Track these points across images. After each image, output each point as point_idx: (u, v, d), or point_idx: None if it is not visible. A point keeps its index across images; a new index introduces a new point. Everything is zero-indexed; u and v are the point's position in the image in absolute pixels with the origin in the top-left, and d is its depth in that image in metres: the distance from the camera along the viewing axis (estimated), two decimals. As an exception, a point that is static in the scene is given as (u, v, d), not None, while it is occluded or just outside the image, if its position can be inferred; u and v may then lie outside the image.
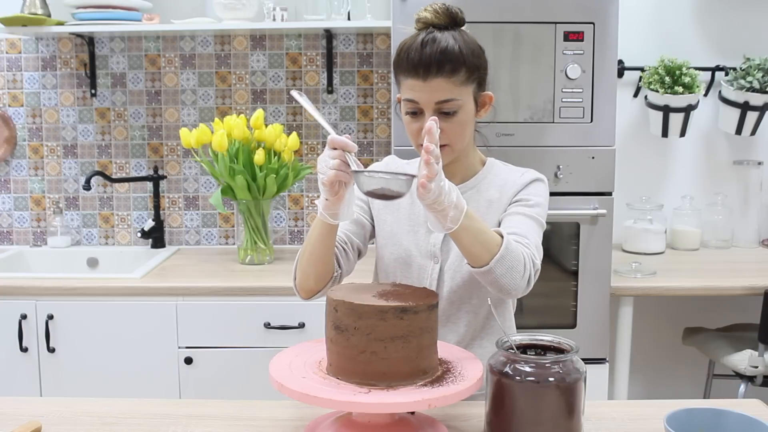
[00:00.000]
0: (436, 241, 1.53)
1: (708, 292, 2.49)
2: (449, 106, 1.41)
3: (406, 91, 1.43)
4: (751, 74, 2.80)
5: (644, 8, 2.97)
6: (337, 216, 1.34)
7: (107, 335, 2.44)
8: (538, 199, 1.52)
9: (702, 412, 1.19)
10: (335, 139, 1.27)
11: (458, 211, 1.27)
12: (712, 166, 3.08)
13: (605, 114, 2.35)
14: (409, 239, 1.54)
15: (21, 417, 1.39)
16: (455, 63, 1.39)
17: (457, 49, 1.39)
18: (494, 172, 1.57)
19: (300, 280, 1.47)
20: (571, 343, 1.26)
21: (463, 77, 1.41)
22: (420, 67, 1.38)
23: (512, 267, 1.33)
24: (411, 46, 1.40)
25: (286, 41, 2.96)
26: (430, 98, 1.40)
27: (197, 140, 2.61)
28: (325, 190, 1.29)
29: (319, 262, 1.43)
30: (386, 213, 1.58)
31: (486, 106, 1.52)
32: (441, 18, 1.42)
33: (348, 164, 1.27)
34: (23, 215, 3.06)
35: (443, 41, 1.39)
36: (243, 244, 2.72)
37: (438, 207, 1.24)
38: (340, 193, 1.30)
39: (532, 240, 1.42)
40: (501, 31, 2.33)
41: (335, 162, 1.26)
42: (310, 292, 1.47)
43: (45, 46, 2.97)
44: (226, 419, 1.41)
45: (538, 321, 2.46)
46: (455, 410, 1.41)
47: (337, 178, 1.27)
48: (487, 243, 1.31)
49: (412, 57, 1.39)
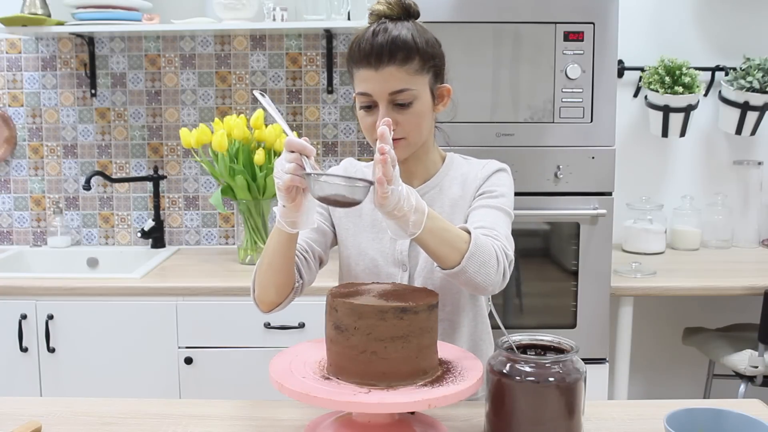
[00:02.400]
0: (402, 248, 1.48)
1: (708, 292, 2.49)
2: (403, 97, 1.37)
3: (359, 83, 1.39)
4: (751, 74, 2.80)
5: (644, 8, 2.97)
6: (296, 224, 1.27)
7: (107, 335, 2.44)
8: (502, 189, 1.47)
9: (702, 412, 1.19)
10: (292, 141, 1.20)
11: (420, 214, 1.21)
12: (712, 166, 3.08)
13: (605, 114, 2.35)
14: (374, 248, 1.50)
15: (21, 417, 1.39)
16: (408, 51, 1.35)
17: (410, 37, 1.35)
18: (455, 168, 1.52)
19: (259, 292, 1.40)
20: (571, 343, 1.26)
21: (417, 66, 1.37)
22: (371, 56, 1.34)
23: (485, 262, 1.27)
24: (362, 37, 1.37)
25: (286, 41, 2.96)
26: (383, 88, 1.36)
27: (197, 140, 2.61)
28: (282, 196, 1.22)
29: (278, 273, 1.36)
30: (347, 221, 1.52)
31: (444, 99, 1.46)
32: (394, 9, 1.39)
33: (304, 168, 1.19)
34: (23, 215, 3.06)
35: (395, 30, 1.35)
36: (243, 244, 2.72)
37: (398, 213, 1.18)
38: (298, 199, 1.23)
39: (501, 231, 1.37)
40: (501, 31, 2.33)
41: (291, 166, 1.19)
42: (270, 304, 1.41)
43: (45, 46, 2.97)
44: (226, 419, 1.41)
45: (538, 321, 2.46)
46: (455, 410, 1.41)
47: (293, 183, 1.20)
48: (455, 242, 1.26)
49: (363, 47, 1.36)
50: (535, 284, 2.44)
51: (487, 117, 2.36)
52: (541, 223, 2.42)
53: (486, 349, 1.56)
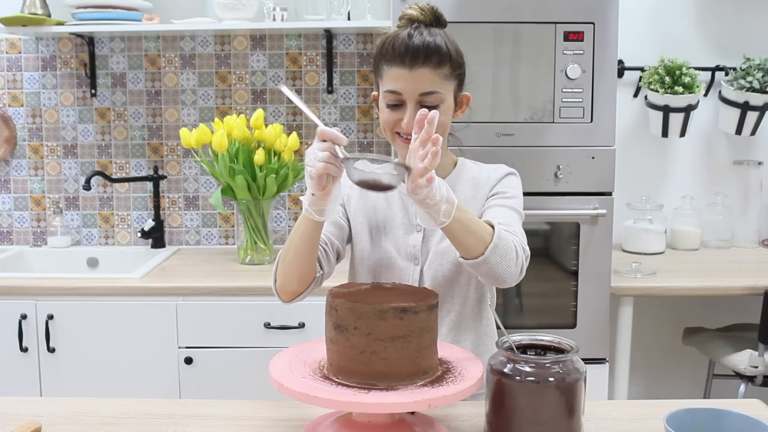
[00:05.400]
0: (415, 242, 1.52)
1: (708, 292, 2.49)
2: (431, 99, 1.41)
3: (389, 81, 1.42)
4: (751, 74, 2.80)
5: (644, 8, 2.97)
6: (323, 213, 1.31)
7: (107, 335, 2.44)
8: (514, 191, 1.53)
9: (702, 412, 1.19)
10: (325, 131, 1.25)
11: (450, 205, 1.25)
12: (712, 166, 3.08)
13: (605, 114, 2.35)
14: (388, 241, 1.53)
15: (21, 417, 1.39)
16: (441, 56, 1.40)
17: (443, 44, 1.41)
18: (466, 171, 1.58)
19: (281, 282, 1.44)
20: (571, 343, 1.26)
21: (447, 71, 1.42)
22: (407, 56, 1.39)
23: (506, 254, 1.32)
24: (398, 36, 1.41)
25: (286, 41, 2.96)
26: (414, 88, 1.40)
27: (197, 140, 2.61)
28: (313, 184, 1.26)
29: (302, 262, 1.40)
30: (362, 215, 1.56)
31: (463, 106, 1.52)
32: (426, 16, 1.44)
33: (337, 157, 1.24)
34: (23, 215, 3.06)
35: (429, 36, 1.40)
36: (243, 244, 2.72)
37: (430, 202, 1.22)
38: (328, 187, 1.27)
39: (516, 229, 1.42)
40: (501, 31, 2.33)
41: (324, 154, 1.23)
42: (292, 294, 1.44)
43: (45, 46, 2.97)
44: (226, 419, 1.41)
45: (538, 321, 2.46)
46: (455, 410, 1.41)
47: (326, 171, 1.24)
48: (480, 233, 1.31)
49: (398, 46, 1.40)
50: (535, 284, 2.44)
51: (487, 117, 2.36)
52: (541, 223, 2.43)
53: (491, 345, 1.58)
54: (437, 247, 1.51)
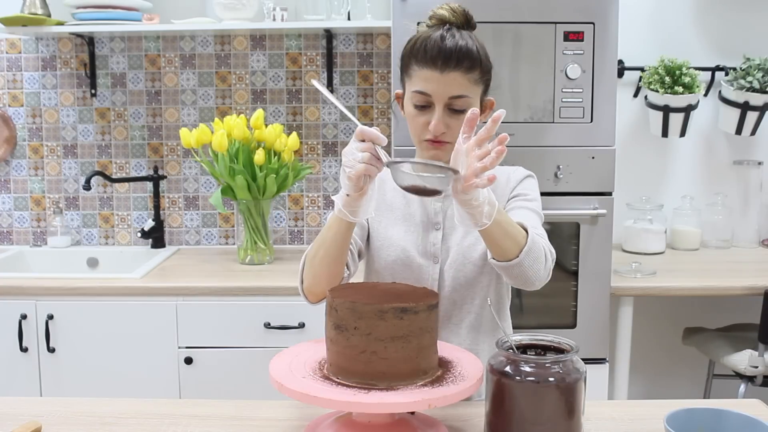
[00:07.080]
0: (435, 240, 1.52)
1: (708, 292, 2.49)
2: (460, 103, 1.40)
3: (419, 82, 1.41)
4: (751, 74, 2.80)
5: (644, 8, 2.97)
6: (356, 213, 1.29)
7: (107, 335, 2.44)
8: (534, 194, 1.53)
9: (702, 412, 1.19)
10: (365, 131, 1.23)
11: (491, 207, 1.24)
12: (712, 166, 3.08)
13: (605, 114, 2.35)
14: (407, 240, 1.53)
15: (21, 417, 1.39)
16: (473, 61, 1.39)
17: (475, 49, 1.40)
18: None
19: (309, 283, 1.43)
20: (571, 343, 1.26)
21: (477, 76, 1.41)
22: (439, 58, 1.37)
23: (537, 258, 1.32)
24: (430, 38, 1.39)
25: (286, 41, 2.96)
26: (444, 91, 1.39)
27: (197, 140, 2.61)
28: (351, 185, 1.24)
29: (333, 263, 1.39)
30: (379, 213, 1.55)
31: (487, 111, 1.52)
32: (457, 17, 1.42)
33: (379, 158, 1.22)
34: (23, 215, 3.06)
35: (462, 38, 1.39)
36: (243, 244, 2.72)
37: (474, 203, 1.21)
38: (365, 188, 1.26)
39: (542, 232, 1.43)
40: (501, 31, 2.33)
41: (365, 155, 1.22)
42: (320, 295, 1.43)
43: (45, 46, 2.97)
44: (226, 419, 1.41)
45: (538, 321, 2.46)
46: (455, 410, 1.41)
47: (367, 172, 1.22)
48: (516, 236, 1.30)
49: (430, 48, 1.38)
50: (535, 284, 2.44)
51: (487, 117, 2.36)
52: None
53: None
54: (459, 246, 1.50)
